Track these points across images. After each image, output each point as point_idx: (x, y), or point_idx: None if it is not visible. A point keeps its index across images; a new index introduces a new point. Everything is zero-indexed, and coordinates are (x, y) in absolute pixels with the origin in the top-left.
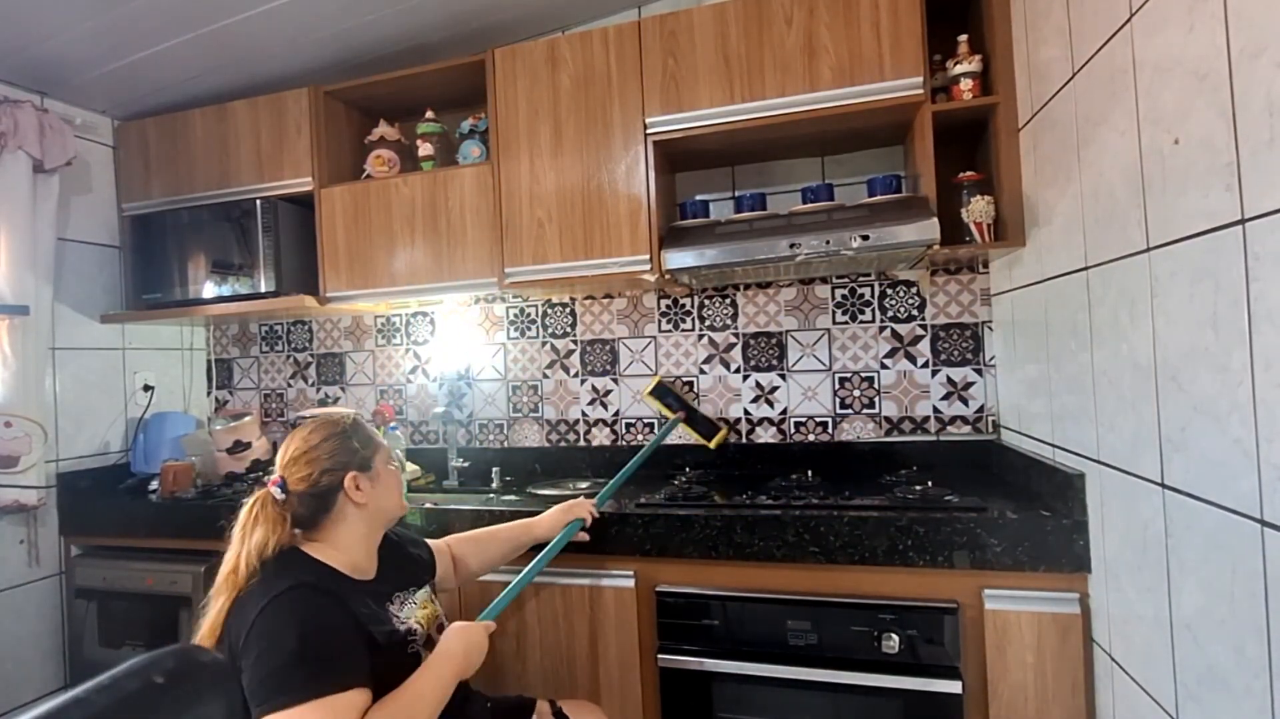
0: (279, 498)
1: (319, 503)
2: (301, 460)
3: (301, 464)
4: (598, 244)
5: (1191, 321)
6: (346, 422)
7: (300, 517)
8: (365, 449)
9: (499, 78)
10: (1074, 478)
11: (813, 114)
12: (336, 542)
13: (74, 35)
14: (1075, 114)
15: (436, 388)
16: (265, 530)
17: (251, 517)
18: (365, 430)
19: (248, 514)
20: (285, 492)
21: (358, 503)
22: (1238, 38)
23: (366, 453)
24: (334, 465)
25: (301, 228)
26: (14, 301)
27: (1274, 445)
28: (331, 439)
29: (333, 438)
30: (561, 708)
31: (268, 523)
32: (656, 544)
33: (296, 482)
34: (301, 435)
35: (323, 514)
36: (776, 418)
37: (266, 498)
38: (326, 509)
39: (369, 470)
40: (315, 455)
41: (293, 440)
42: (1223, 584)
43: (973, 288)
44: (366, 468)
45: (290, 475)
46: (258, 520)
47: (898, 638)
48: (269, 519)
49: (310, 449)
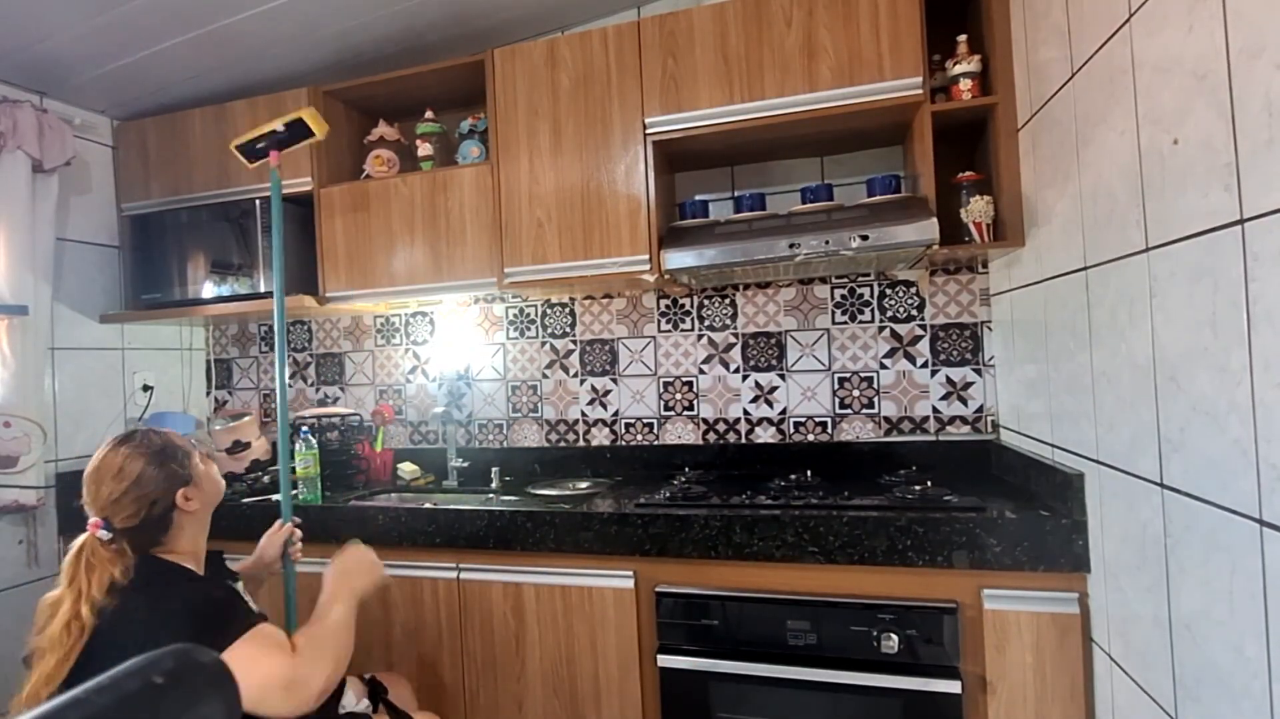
0: (106, 538)
1: (156, 528)
2: (125, 500)
3: (126, 503)
4: (597, 244)
5: (1190, 322)
6: (155, 441)
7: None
8: (183, 462)
9: (498, 78)
10: (1073, 478)
11: (812, 114)
12: (177, 547)
13: (73, 35)
14: (1074, 114)
15: (436, 388)
16: (104, 570)
17: (82, 564)
18: (173, 442)
19: (75, 562)
20: (112, 531)
21: (190, 511)
22: (1237, 38)
23: (185, 466)
24: (161, 493)
25: (301, 228)
26: (13, 301)
27: (1273, 445)
28: (149, 468)
29: (150, 467)
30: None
31: (103, 563)
32: (656, 544)
33: (124, 520)
34: (113, 472)
35: (161, 534)
36: (776, 418)
37: (93, 543)
38: (165, 529)
39: (192, 479)
40: (140, 493)
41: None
42: (1222, 584)
43: (972, 288)
44: (190, 479)
45: (115, 516)
46: (91, 566)
47: (897, 638)
48: (103, 559)
49: (130, 486)
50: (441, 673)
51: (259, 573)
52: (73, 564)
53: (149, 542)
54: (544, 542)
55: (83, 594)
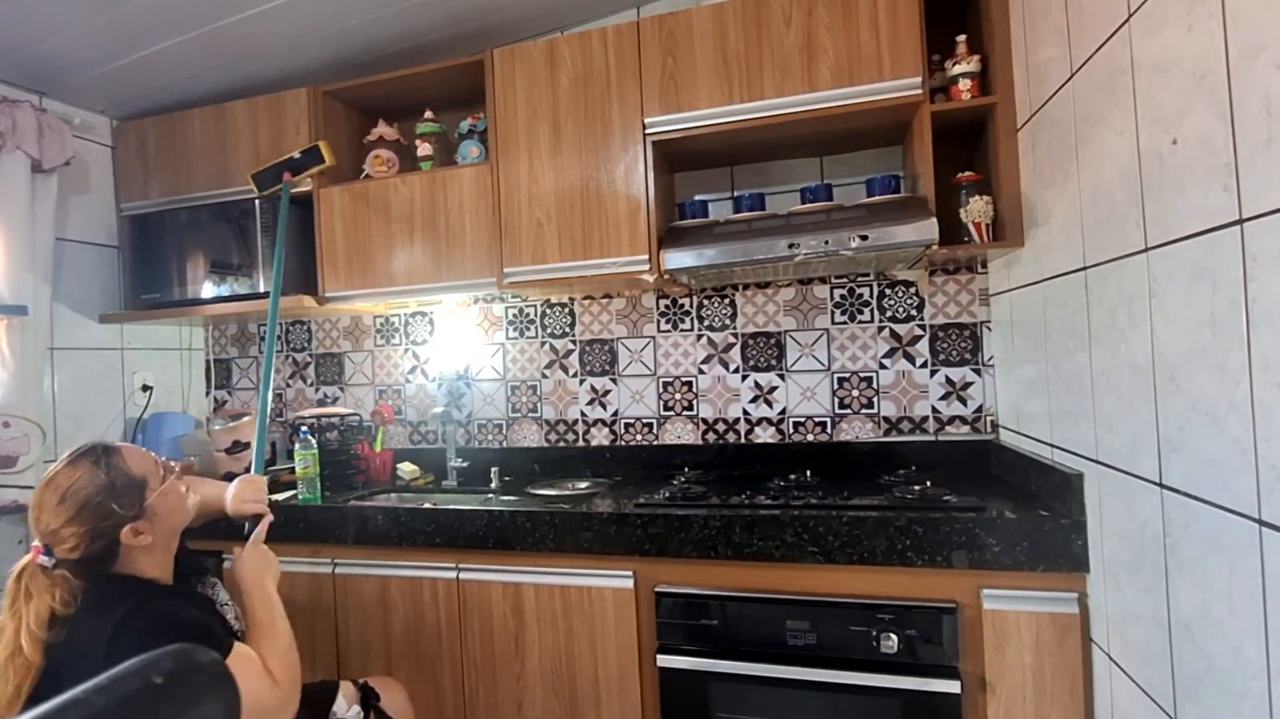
0: (48, 564)
1: (100, 561)
2: (64, 533)
3: (65, 536)
4: (596, 244)
5: (1190, 322)
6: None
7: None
8: (132, 494)
9: (498, 78)
10: (1072, 478)
11: (812, 114)
12: (138, 567)
13: (73, 35)
14: (1074, 114)
15: (435, 388)
16: (43, 600)
17: (21, 590)
18: (124, 470)
19: (15, 588)
20: (53, 557)
21: (141, 544)
22: (1236, 38)
23: (134, 498)
24: (101, 532)
25: (300, 228)
26: (12, 301)
27: (1272, 445)
28: (90, 504)
29: (91, 502)
30: (367, 682)
31: (41, 591)
32: (655, 544)
33: (65, 551)
34: (54, 503)
35: (109, 563)
36: (775, 418)
37: (33, 568)
38: (112, 560)
39: (144, 514)
40: (78, 528)
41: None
42: (1221, 584)
43: (971, 288)
44: (140, 513)
45: (55, 545)
46: (29, 592)
47: (896, 638)
48: (41, 587)
49: (69, 519)
50: (441, 673)
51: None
52: (11, 590)
53: (100, 567)
54: (544, 542)
55: (21, 623)
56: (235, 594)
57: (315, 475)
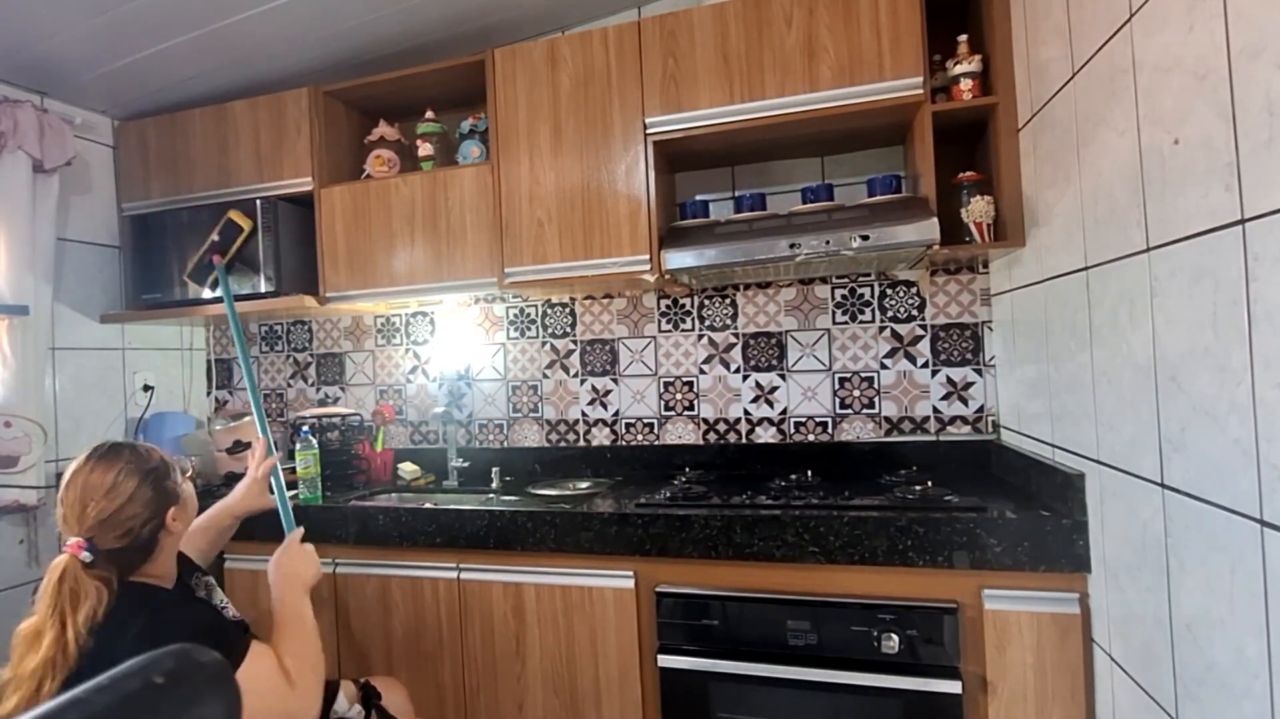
0: (88, 560)
1: (141, 552)
2: (115, 519)
3: (116, 523)
4: (597, 244)
5: (1191, 322)
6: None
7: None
8: (168, 479)
9: (499, 78)
10: (1074, 478)
11: (812, 114)
12: (155, 570)
13: (74, 35)
14: (1075, 114)
15: (436, 388)
16: (90, 602)
17: (66, 592)
18: (165, 459)
19: (57, 590)
20: (95, 553)
21: (175, 532)
22: (1237, 38)
23: (170, 482)
24: (153, 514)
25: (301, 228)
26: (13, 301)
27: (1273, 445)
28: (145, 487)
29: (145, 485)
30: (368, 681)
31: (90, 594)
32: (656, 544)
33: (112, 540)
34: (105, 489)
35: (144, 557)
36: (776, 418)
37: (74, 566)
38: (149, 552)
39: (179, 500)
40: (133, 511)
41: (93, 495)
42: (1222, 584)
43: (972, 288)
44: (178, 498)
45: (101, 536)
46: (77, 595)
47: (897, 638)
48: (90, 589)
49: (124, 505)
50: (442, 673)
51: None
52: (55, 592)
53: (130, 566)
54: (544, 542)
55: (68, 626)
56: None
57: (316, 475)
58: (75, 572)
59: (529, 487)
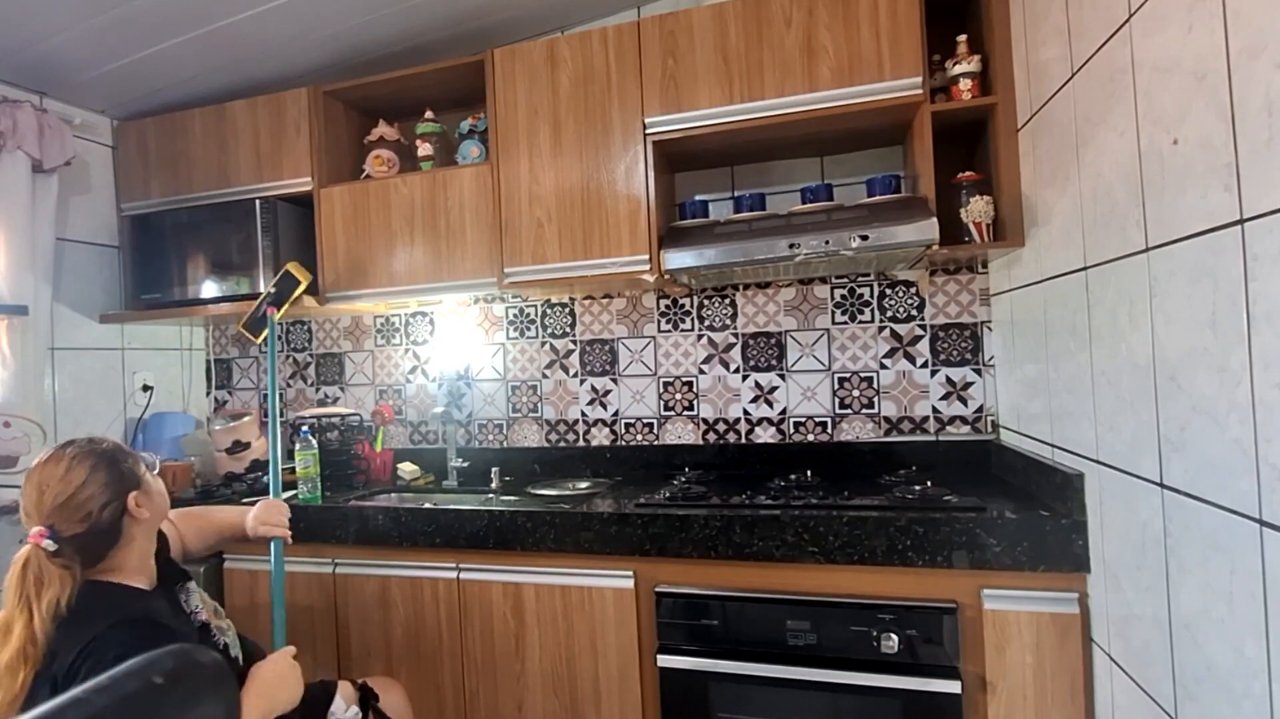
0: (51, 549)
1: (105, 537)
2: (71, 504)
3: (73, 507)
4: (597, 244)
5: (1190, 322)
6: (102, 445)
7: (85, 557)
8: (128, 464)
9: (498, 78)
10: (1073, 478)
11: (812, 114)
12: (125, 565)
13: (73, 35)
14: (1074, 114)
15: (436, 388)
16: (54, 589)
17: (30, 580)
18: (121, 446)
19: (20, 578)
20: (58, 541)
21: (140, 519)
22: (1236, 38)
23: (131, 467)
24: (112, 496)
25: (301, 228)
26: (13, 301)
27: (1273, 445)
28: (99, 470)
29: (100, 468)
30: (365, 682)
31: (53, 581)
32: (655, 544)
33: (72, 525)
34: (58, 477)
35: (109, 546)
36: (776, 418)
37: (37, 554)
38: (114, 540)
39: (141, 484)
40: (89, 494)
41: (48, 483)
42: (1221, 584)
43: (972, 288)
44: (139, 484)
45: (61, 522)
46: (40, 582)
47: (897, 638)
48: (53, 576)
49: (79, 488)
50: (441, 673)
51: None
52: (19, 581)
53: (96, 556)
54: (544, 542)
55: (34, 614)
56: None
57: (315, 475)
58: (39, 559)
59: (528, 487)
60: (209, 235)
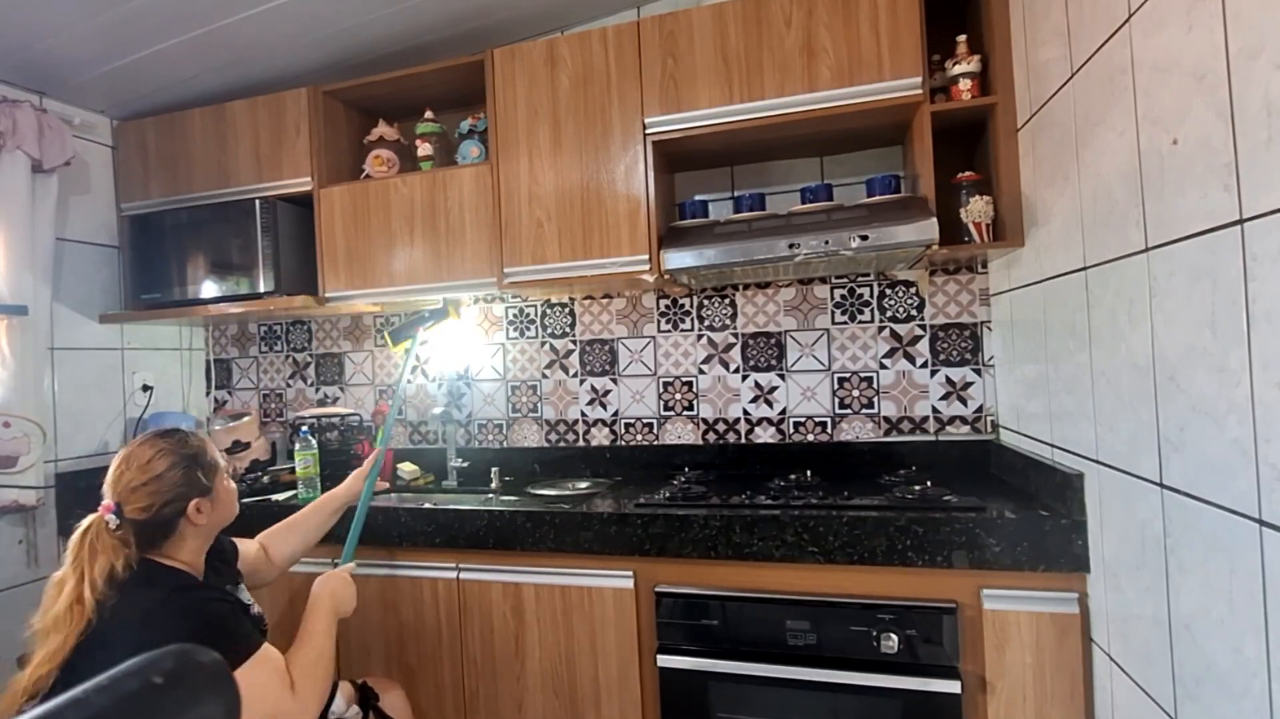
0: (113, 525)
1: (160, 529)
2: (142, 491)
3: (142, 495)
4: (597, 244)
5: (1190, 322)
6: (191, 445)
7: (140, 539)
8: (209, 473)
9: (498, 78)
10: (1073, 478)
11: (812, 114)
12: (178, 555)
13: (73, 35)
14: (1074, 114)
15: (435, 388)
16: (106, 558)
17: (86, 546)
18: (208, 450)
19: (80, 543)
20: (120, 518)
21: (198, 524)
22: (1236, 38)
23: (210, 477)
24: (176, 497)
25: (300, 228)
26: (12, 301)
27: (1272, 445)
28: (175, 469)
29: (176, 467)
30: (366, 682)
31: (106, 550)
32: (655, 544)
33: (135, 511)
34: (140, 462)
35: (164, 537)
36: (775, 418)
37: (100, 525)
38: (167, 534)
39: (210, 494)
40: (158, 487)
41: (129, 465)
42: (1221, 584)
43: (971, 288)
44: (208, 493)
45: (128, 504)
46: (95, 550)
47: (896, 638)
48: (107, 546)
49: (152, 479)
50: (441, 673)
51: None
52: (77, 544)
53: (150, 542)
54: (544, 542)
55: (85, 576)
56: None
57: (315, 475)
58: (99, 529)
59: (528, 487)
60: (209, 235)
